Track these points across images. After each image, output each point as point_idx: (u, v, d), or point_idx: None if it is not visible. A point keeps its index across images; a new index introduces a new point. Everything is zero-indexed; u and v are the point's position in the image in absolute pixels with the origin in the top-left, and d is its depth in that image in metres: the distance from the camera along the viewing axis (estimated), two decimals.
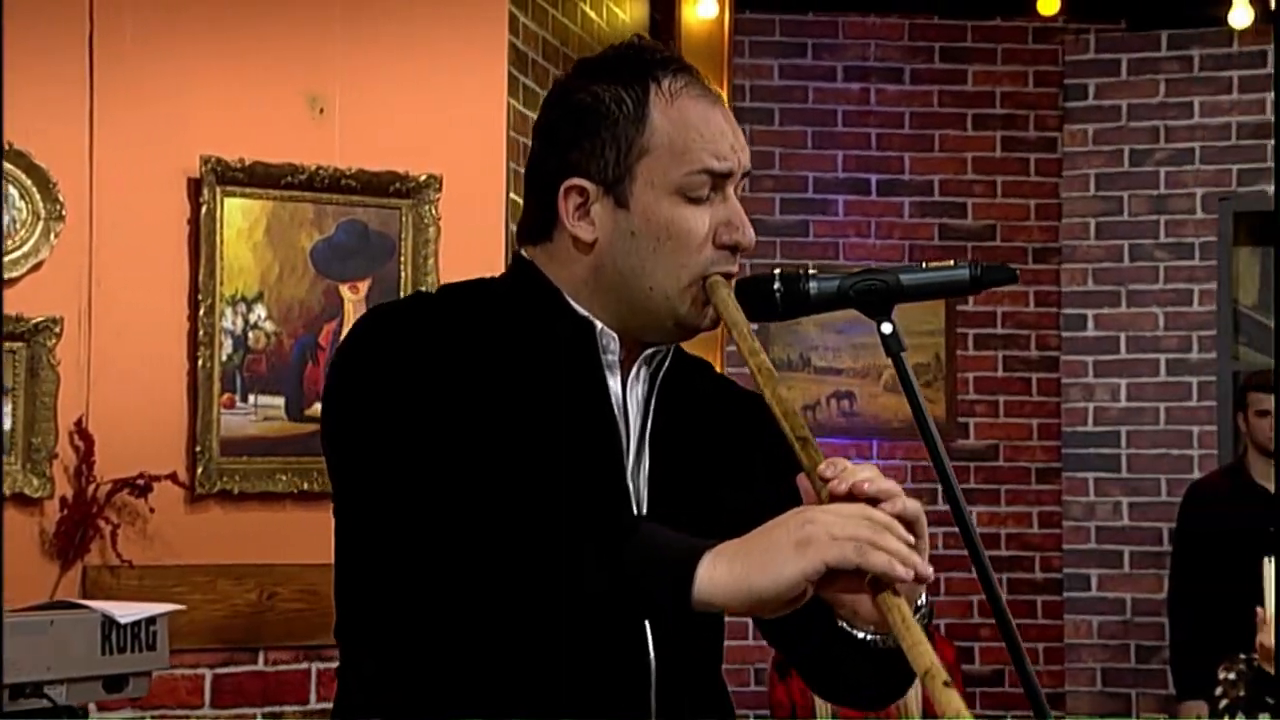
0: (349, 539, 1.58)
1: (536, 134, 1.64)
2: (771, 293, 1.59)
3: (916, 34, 6.02)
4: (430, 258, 3.95)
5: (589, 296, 1.58)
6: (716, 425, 1.67)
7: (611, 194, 1.56)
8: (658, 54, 1.60)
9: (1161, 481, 5.87)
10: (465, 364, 1.52)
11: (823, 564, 1.33)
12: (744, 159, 1.58)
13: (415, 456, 1.46)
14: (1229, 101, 5.98)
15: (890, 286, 1.58)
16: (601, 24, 4.92)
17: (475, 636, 1.47)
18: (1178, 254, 5.98)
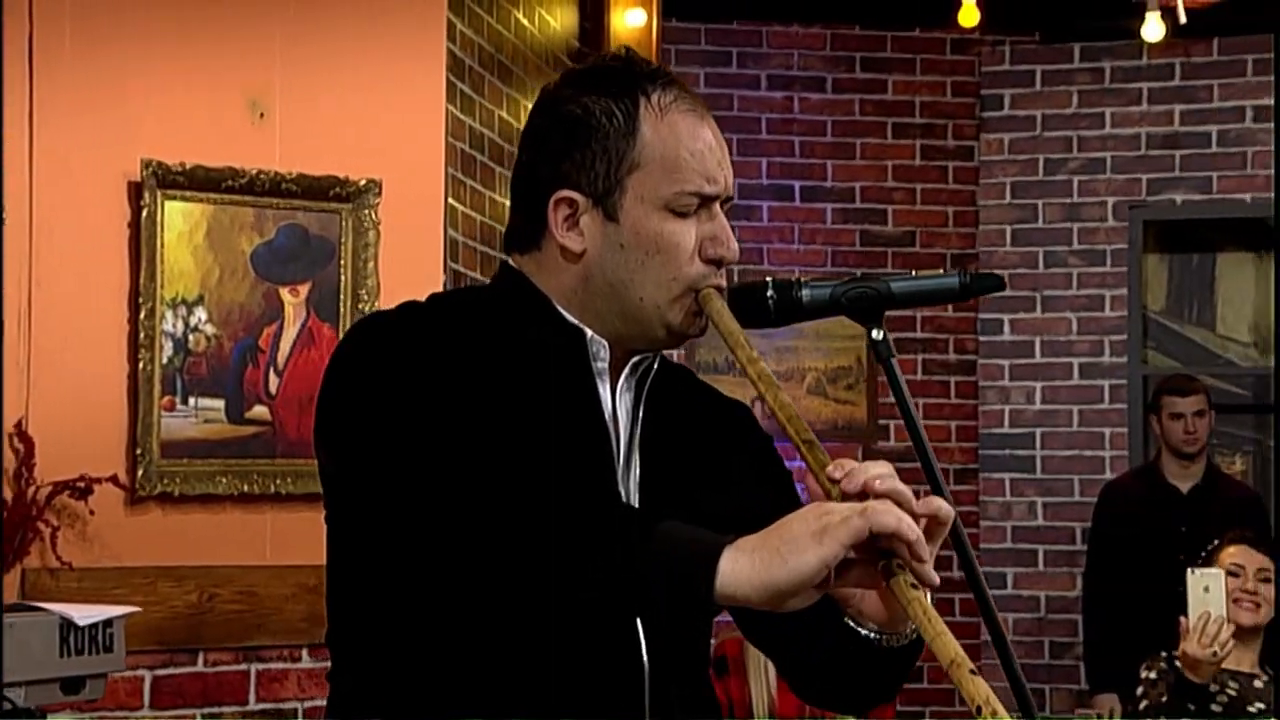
0: (343, 544, 1.58)
1: (525, 143, 1.64)
2: (765, 300, 1.60)
3: (838, 44, 6.13)
4: (370, 261, 3.99)
5: (578, 305, 1.59)
6: (702, 431, 1.68)
7: (601, 206, 1.57)
8: (647, 66, 1.61)
9: (1075, 482, 6.03)
10: (458, 371, 1.52)
11: (840, 546, 1.34)
12: (730, 178, 1.60)
13: (410, 462, 1.46)
14: (1139, 113, 6.15)
15: (881, 294, 1.60)
16: (534, 31, 4.98)
17: (471, 639, 1.48)
18: (1090, 261, 6.15)
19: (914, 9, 6.04)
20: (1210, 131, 6.11)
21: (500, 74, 4.65)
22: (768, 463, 1.71)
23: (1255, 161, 6.09)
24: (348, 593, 1.59)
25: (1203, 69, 6.12)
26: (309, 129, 3.97)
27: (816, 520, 1.36)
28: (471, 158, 4.42)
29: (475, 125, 4.45)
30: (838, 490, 1.42)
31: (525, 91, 4.88)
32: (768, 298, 1.59)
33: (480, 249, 4.49)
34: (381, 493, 1.47)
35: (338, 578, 1.60)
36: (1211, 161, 6.10)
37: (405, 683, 1.52)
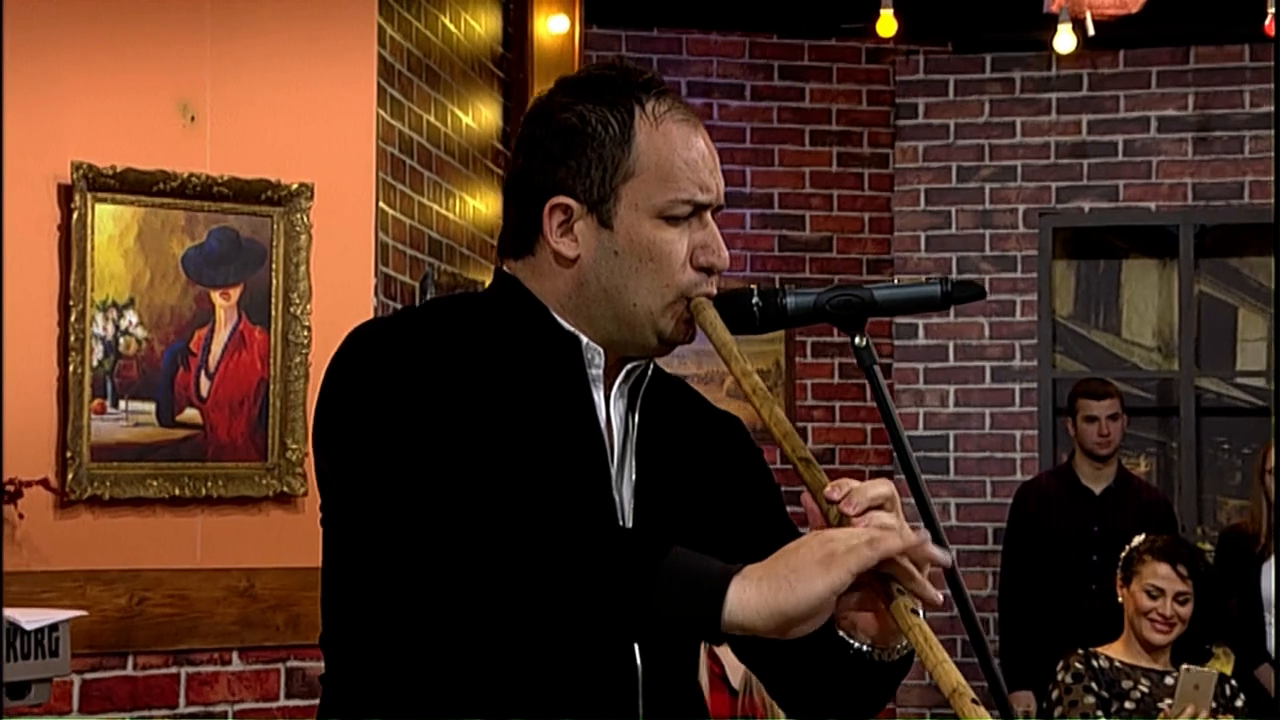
0: (340, 548, 1.59)
1: (519, 149, 1.64)
2: (750, 307, 1.61)
3: (756, 52, 6.22)
4: (302, 265, 4.00)
5: (573, 310, 1.60)
6: (696, 440, 1.69)
7: (595, 213, 1.58)
8: (641, 76, 1.62)
9: (987, 483, 6.16)
10: (456, 377, 1.53)
11: (848, 575, 1.35)
12: (721, 185, 1.62)
13: (408, 469, 1.46)
14: (1048, 122, 6.30)
15: (864, 302, 1.61)
16: (460, 36, 5.01)
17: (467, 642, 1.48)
18: (1001, 267, 6.28)
19: (831, 18, 6.13)
20: (1117, 141, 6.27)
21: (428, 79, 4.68)
22: (758, 476, 1.73)
23: (1160, 170, 6.26)
24: (344, 596, 1.59)
25: (1109, 80, 6.28)
26: (240, 132, 3.97)
27: (822, 548, 1.37)
28: (401, 162, 4.44)
29: (404, 129, 4.47)
30: (836, 511, 1.44)
31: (452, 96, 4.91)
32: (753, 305, 1.61)
33: (410, 253, 4.51)
34: (379, 499, 1.48)
35: (334, 581, 1.61)
36: (1118, 170, 6.27)
37: (399, 684, 1.53)
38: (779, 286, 1.67)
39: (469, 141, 5.07)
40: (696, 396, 1.75)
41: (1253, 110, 6.23)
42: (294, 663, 4.07)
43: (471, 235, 5.08)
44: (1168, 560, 4.00)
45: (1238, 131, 6.24)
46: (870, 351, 1.60)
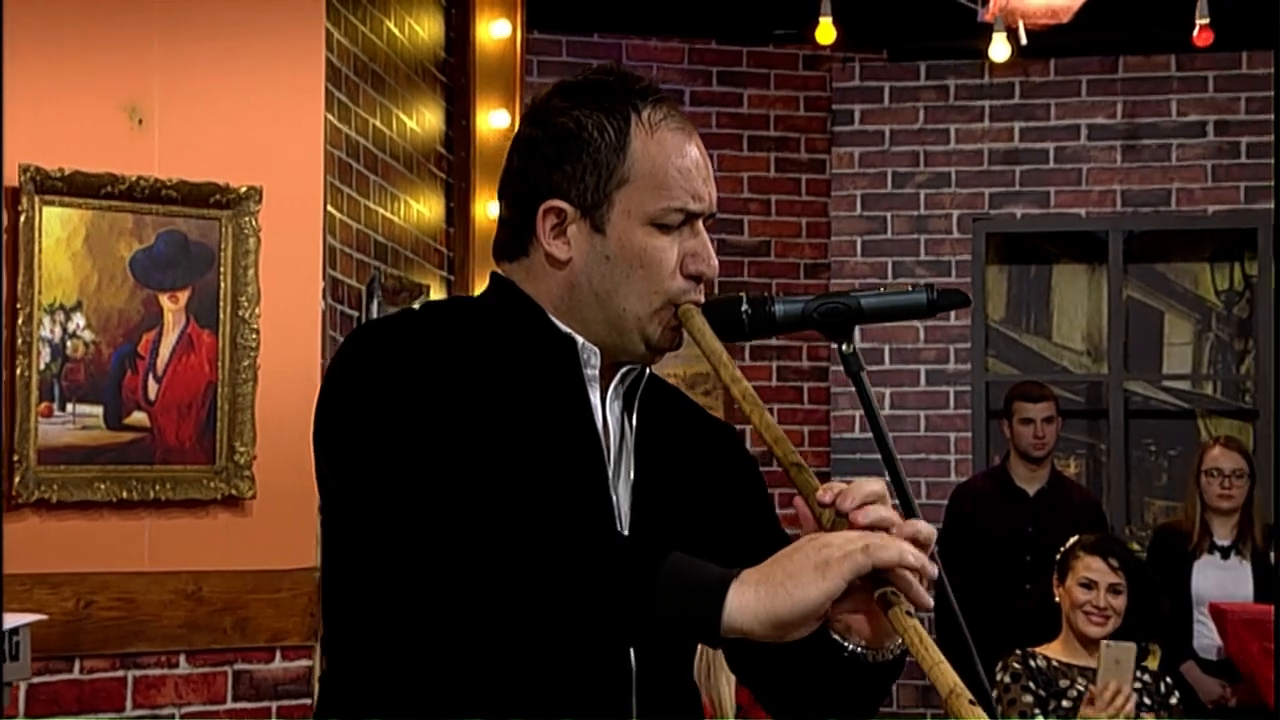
0: (341, 549, 1.59)
1: (516, 149, 1.65)
2: (739, 314, 1.63)
3: (695, 58, 6.28)
4: (250, 268, 4.00)
5: (566, 312, 1.62)
6: (692, 446, 1.70)
7: (589, 218, 1.59)
8: (638, 83, 1.64)
9: (922, 484, 6.25)
10: (454, 378, 1.53)
11: (843, 580, 1.37)
12: (714, 194, 1.63)
13: (407, 470, 1.47)
14: (981, 129, 6.40)
15: (851, 309, 1.64)
16: (405, 41, 5.02)
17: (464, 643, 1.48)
18: (936, 271, 6.38)
19: (768, 25, 6.20)
20: (1048, 148, 6.38)
21: (374, 82, 4.69)
22: (752, 483, 1.75)
23: (1090, 177, 6.38)
24: (343, 596, 1.60)
25: (1041, 88, 6.40)
26: (189, 135, 3.97)
27: (817, 553, 1.39)
28: (348, 165, 4.46)
29: (351, 133, 4.48)
30: (829, 513, 1.46)
31: (396, 100, 4.92)
32: (742, 312, 1.63)
33: (357, 256, 4.52)
34: (377, 501, 1.48)
35: (334, 581, 1.62)
36: (1049, 177, 6.38)
37: (396, 685, 1.54)
38: (767, 294, 1.68)
39: (413, 145, 5.09)
40: (693, 405, 1.77)
41: (1179, 119, 6.37)
42: (241, 665, 4.07)
43: (415, 239, 5.10)
44: (1099, 553, 4.10)
45: (1165, 140, 6.37)
46: (857, 358, 1.63)
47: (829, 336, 1.65)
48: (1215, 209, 6.35)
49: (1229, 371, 6.69)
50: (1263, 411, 6.41)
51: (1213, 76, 6.35)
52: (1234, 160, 6.33)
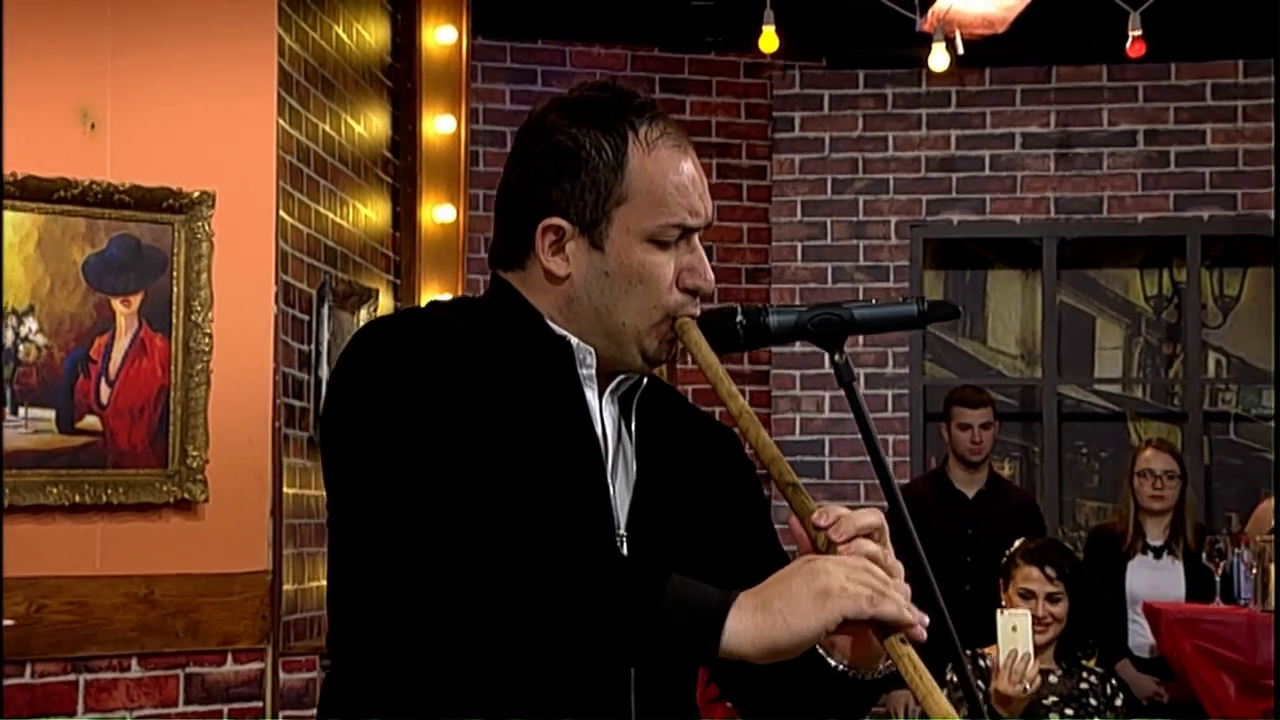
0: (346, 549, 1.60)
1: (513, 165, 1.66)
2: (734, 326, 1.64)
3: (638, 64, 6.34)
4: (203, 273, 4.02)
5: (565, 321, 1.64)
6: (690, 449, 1.71)
7: (587, 235, 1.61)
8: (634, 99, 1.65)
9: (861, 486, 6.34)
10: (457, 380, 1.55)
11: (841, 615, 1.40)
12: (710, 207, 1.65)
13: (414, 469, 1.48)
14: (918, 137, 6.51)
15: (844, 321, 1.65)
16: (353, 46, 5.05)
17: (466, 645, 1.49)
18: (874, 276, 6.47)
19: (711, 33, 6.27)
20: (984, 156, 6.50)
21: (323, 88, 4.72)
22: (749, 490, 1.77)
23: (1024, 185, 6.50)
24: (348, 598, 1.61)
25: (976, 97, 6.51)
26: (142, 140, 3.99)
27: (815, 581, 1.41)
28: (299, 170, 4.48)
29: (302, 139, 4.50)
30: (824, 537, 1.47)
31: (345, 105, 4.95)
32: (738, 324, 1.65)
33: (308, 261, 4.55)
34: (384, 499, 1.50)
35: (340, 584, 1.63)
36: (985, 184, 6.49)
37: (400, 686, 1.55)
38: (761, 306, 1.68)
39: (360, 150, 5.12)
40: (692, 408, 1.79)
41: (1110, 128, 6.50)
42: (193, 669, 4.08)
43: (364, 243, 5.13)
44: (1036, 563, 4.19)
45: (1097, 148, 6.50)
46: (849, 368, 1.65)
47: (821, 347, 1.67)
48: (1145, 216, 6.48)
49: (1158, 375, 6.84)
50: (1191, 414, 6.55)
51: (1142, 86, 6.48)
52: (1163, 169, 6.47)
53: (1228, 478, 6.75)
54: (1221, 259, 6.71)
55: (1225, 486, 6.74)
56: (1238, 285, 6.79)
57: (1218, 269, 6.73)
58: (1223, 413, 6.77)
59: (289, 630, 4.33)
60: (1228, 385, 6.77)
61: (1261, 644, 4.78)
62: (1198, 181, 6.44)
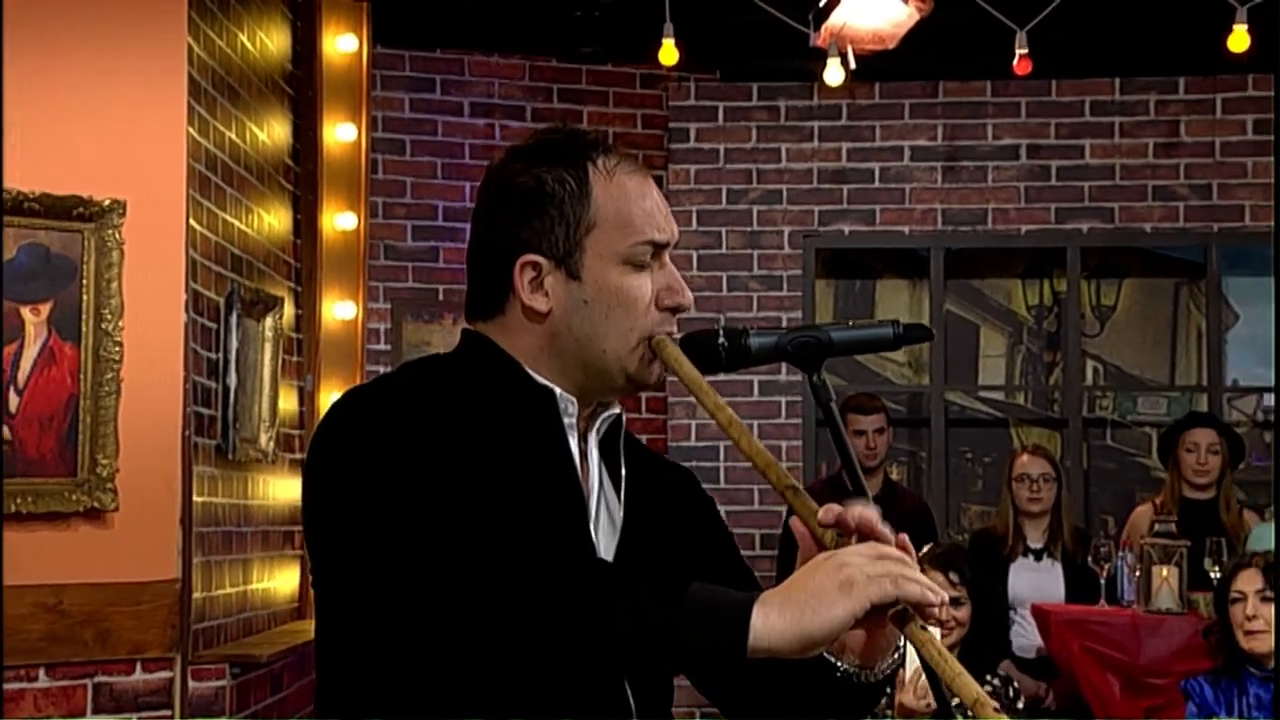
0: (334, 610, 1.62)
1: (479, 217, 1.71)
2: (716, 347, 1.68)
3: (536, 75, 6.40)
4: (114, 281, 4.01)
5: (546, 363, 1.66)
6: (661, 490, 1.76)
7: (563, 267, 1.65)
8: (587, 136, 1.71)
9: (755, 491, 6.45)
10: (440, 437, 1.57)
11: (869, 602, 1.44)
12: (675, 227, 1.71)
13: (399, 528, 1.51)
14: (811, 149, 6.64)
15: (822, 342, 1.69)
16: (256, 54, 5.05)
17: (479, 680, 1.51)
18: (768, 285, 6.60)
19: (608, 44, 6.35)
20: (873, 168, 6.65)
21: (229, 96, 4.72)
22: (718, 525, 1.84)
23: (912, 197, 6.66)
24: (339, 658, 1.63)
25: (867, 111, 6.66)
26: (52, 148, 3.97)
27: (839, 572, 1.46)
28: (207, 179, 4.48)
29: (210, 147, 4.50)
30: (831, 534, 1.53)
31: (249, 113, 4.95)
32: (719, 345, 1.68)
33: (216, 269, 4.55)
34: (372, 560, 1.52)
35: (329, 641, 1.65)
36: (874, 196, 6.64)
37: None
38: (743, 328, 1.71)
39: (264, 158, 5.12)
40: (652, 450, 1.84)
41: (995, 142, 6.69)
42: (101, 678, 4.07)
43: (268, 251, 5.13)
44: (940, 568, 4.32)
45: (982, 162, 6.68)
46: (827, 388, 1.70)
47: (800, 368, 1.72)
48: (1028, 228, 6.67)
49: (1039, 382, 7.04)
50: (1070, 420, 6.76)
51: (1025, 102, 6.68)
52: (1045, 182, 6.67)
53: (1105, 482, 6.97)
54: (1099, 270, 6.93)
55: (1102, 490, 6.96)
56: (1114, 296, 7.02)
57: (1095, 280, 6.95)
58: (1100, 419, 6.99)
59: (198, 639, 4.33)
60: (1105, 392, 6.99)
61: (1145, 644, 4.97)
62: (1077, 195, 6.65)
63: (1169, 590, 5.15)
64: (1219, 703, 4.22)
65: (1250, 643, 4.17)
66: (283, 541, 5.27)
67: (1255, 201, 6.57)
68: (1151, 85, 6.62)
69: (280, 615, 5.25)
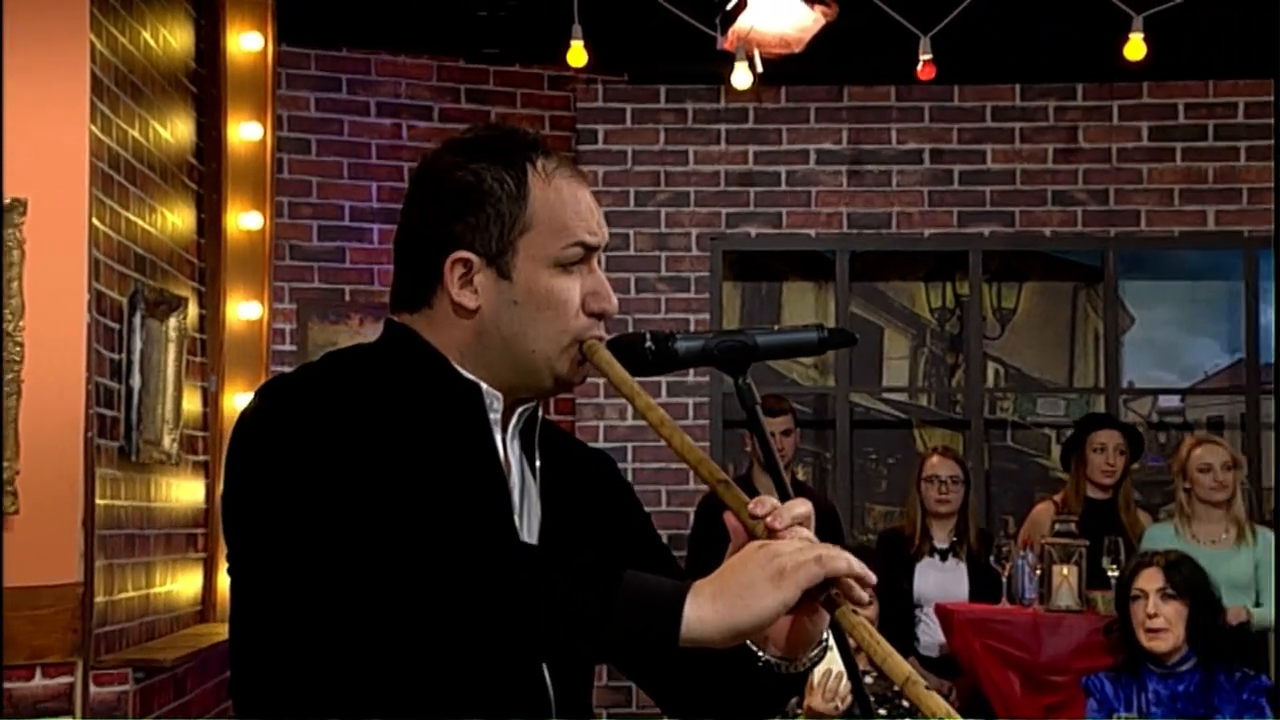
0: (252, 600, 1.61)
1: (411, 208, 1.70)
2: (644, 351, 1.68)
3: (444, 75, 6.38)
4: (14, 281, 3.94)
5: (472, 359, 1.66)
6: (582, 478, 1.77)
7: (494, 265, 1.65)
8: (527, 137, 1.71)
9: (663, 492, 6.47)
10: (366, 427, 1.56)
11: (799, 589, 1.44)
12: (606, 232, 1.71)
13: (323, 518, 1.50)
14: (718, 151, 6.68)
15: (749, 346, 1.70)
16: (159, 52, 4.99)
17: (385, 681, 1.52)
18: (676, 287, 6.62)
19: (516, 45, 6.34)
20: (780, 171, 6.70)
21: (132, 93, 4.66)
22: (635, 508, 1.85)
23: (818, 200, 6.72)
24: (255, 647, 1.63)
25: (773, 114, 6.71)
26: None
27: (770, 563, 1.46)
28: (110, 177, 4.42)
29: (113, 145, 4.44)
30: (762, 526, 1.53)
31: (152, 111, 4.89)
32: (646, 349, 1.69)
33: (118, 268, 4.49)
34: (294, 554, 1.52)
35: (245, 632, 1.64)
36: (780, 199, 6.70)
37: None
38: (670, 332, 1.72)
39: (167, 156, 5.06)
40: (569, 436, 1.85)
41: (898, 146, 6.76)
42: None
43: (170, 250, 5.07)
44: None
45: (885, 166, 6.76)
46: (752, 392, 1.71)
47: (725, 372, 1.73)
48: (931, 232, 6.76)
49: (942, 384, 7.13)
50: (972, 421, 6.85)
51: (928, 107, 6.76)
52: (948, 187, 6.76)
53: (1005, 482, 7.07)
54: (1000, 273, 7.03)
55: (1002, 490, 7.07)
56: (1015, 299, 7.13)
57: (996, 283, 7.05)
58: (1001, 420, 7.10)
59: (100, 643, 4.27)
60: (1005, 394, 7.10)
61: (1045, 642, 5.05)
62: (979, 199, 6.74)
63: (1069, 589, 5.24)
64: (1119, 699, 4.29)
65: (1150, 640, 4.25)
66: (186, 544, 5.21)
67: (1151, 207, 6.70)
68: (1051, 92, 6.73)
69: (184, 619, 5.18)
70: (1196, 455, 5.35)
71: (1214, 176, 6.68)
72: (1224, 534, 5.33)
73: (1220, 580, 4.77)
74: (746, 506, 1.55)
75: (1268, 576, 5.29)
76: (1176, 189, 6.68)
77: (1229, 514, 5.33)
